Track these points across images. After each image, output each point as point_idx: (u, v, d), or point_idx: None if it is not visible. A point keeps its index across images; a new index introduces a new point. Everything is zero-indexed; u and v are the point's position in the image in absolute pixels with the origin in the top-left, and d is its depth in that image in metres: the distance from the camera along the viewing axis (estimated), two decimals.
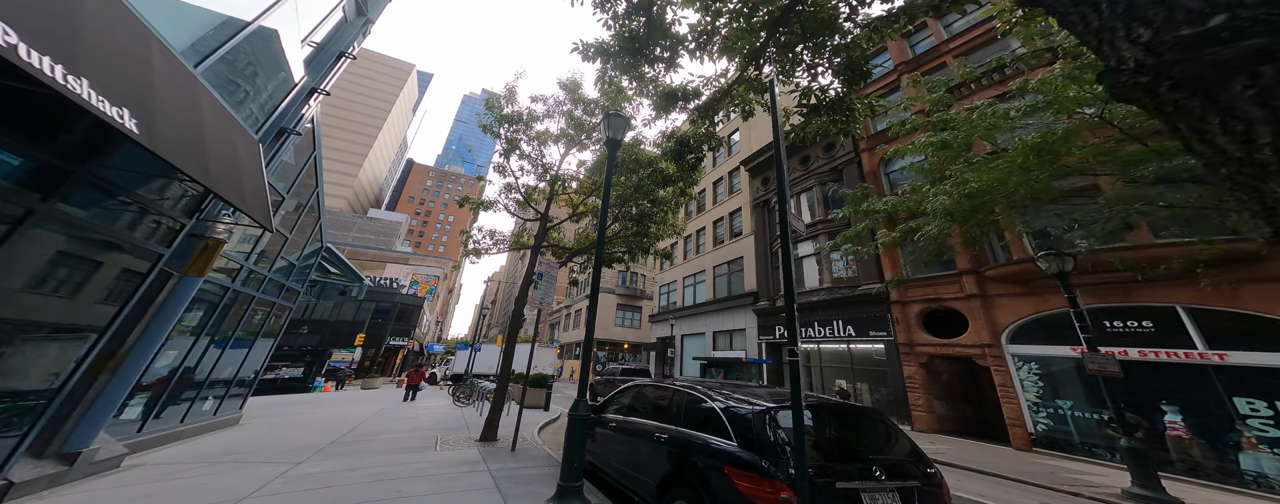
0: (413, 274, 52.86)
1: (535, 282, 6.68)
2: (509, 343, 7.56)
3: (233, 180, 4.03)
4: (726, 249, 23.42)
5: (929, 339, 10.25)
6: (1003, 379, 8.60)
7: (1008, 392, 8.47)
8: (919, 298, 10.84)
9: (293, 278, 9.10)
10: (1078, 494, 5.71)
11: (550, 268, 7.02)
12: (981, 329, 9.16)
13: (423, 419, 9.88)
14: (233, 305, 6.90)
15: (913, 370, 10.14)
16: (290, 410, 11.59)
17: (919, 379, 9.90)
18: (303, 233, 9.03)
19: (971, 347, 9.39)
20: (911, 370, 10.20)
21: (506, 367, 7.44)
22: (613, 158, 4.35)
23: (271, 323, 8.66)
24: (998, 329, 9.00)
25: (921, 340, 10.37)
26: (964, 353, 9.53)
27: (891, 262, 11.67)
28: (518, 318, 7.71)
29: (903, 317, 10.77)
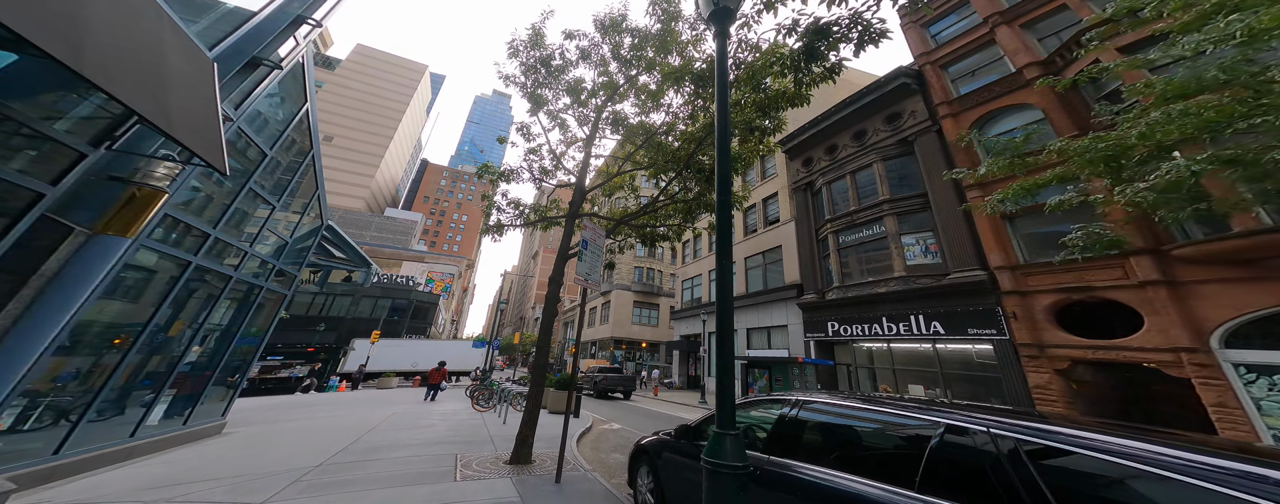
0: (428, 271, 52.56)
1: (578, 253, 5.05)
2: (543, 333, 5.97)
3: (154, 93, 2.53)
4: (760, 238, 21.50)
5: (1070, 340, 7.98)
6: (1220, 397, 6.17)
7: (1230, 414, 6.06)
8: (1049, 287, 8.48)
9: (286, 258, 7.73)
10: None
11: (596, 235, 5.38)
12: (1171, 328, 6.77)
13: (438, 428, 8.41)
14: (200, 286, 5.51)
15: (1044, 378, 7.99)
16: (291, 414, 10.33)
17: (1056, 390, 7.71)
18: (296, 204, 7.65)
19: (1155, 351, 6.94)
20: (1042, 378, 8.04)
21: (542, 363, 5.85)
22: (722, 49, 2.66)
23: (259, 311, 7.29)
24: (1202, 328, 6.59)
25: (1057, 341, 8.14)
26: (1136, 358, 7.14)
27: (998, 242, 9.49)
28: (553, 301, 6.11)
29: (1024, 311, 8.58)
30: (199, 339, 5.60)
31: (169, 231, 4.70)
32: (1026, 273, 8.96)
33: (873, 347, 12.56)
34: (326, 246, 9.18)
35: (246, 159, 5.84)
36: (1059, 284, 8.22)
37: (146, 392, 5.02)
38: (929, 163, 11.83)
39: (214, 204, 5.43)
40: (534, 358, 5.87)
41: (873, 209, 13.07)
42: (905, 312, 11.10)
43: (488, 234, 8.62)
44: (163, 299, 4.68)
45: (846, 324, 13.09)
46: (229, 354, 6.35)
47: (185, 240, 4.96)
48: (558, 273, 6.36)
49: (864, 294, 12.49)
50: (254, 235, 6.28)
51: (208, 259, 5.29)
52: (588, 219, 5.45)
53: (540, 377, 5.77)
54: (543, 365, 5.85)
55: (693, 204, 6.92)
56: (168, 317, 5.01)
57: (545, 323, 6.04)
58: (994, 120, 10.73)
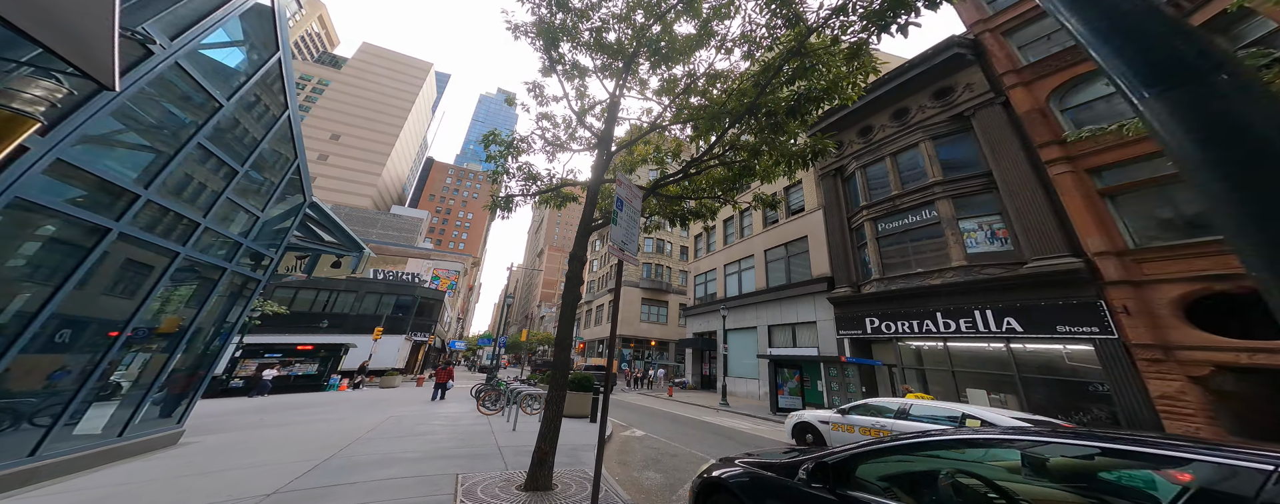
0: (434, 269, 51.87)
1: (613, 215, 3.84)
2: (564, 323, 4.78)
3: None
4: (782, 229, 20.16)
5: (1210, 340, 6.43)
6: None
7: None
8: (1177, 275, 6.93)
9: (261, 239, 6.63)
10: None
11: (632, 194, 4.18)
12: None
13: (439, 436, 7.27)
14: (133, 264, 4.40)
15: (1173, 387, 6.46)
16: (276, 418, 9.27)
17: (1192, 403, 6.19)
18: (270, 173, 6.53)
19: None
20: (1171, 387, 6.51)
21: (563, 362, 4.66)
22: None
23: (230, 299, 6.19)
24: None
25: (1191, 341, 6.58)
26: None
27: (1098, 224, 7.95)
28: (575, 283, 4.92)
29: (1140, 304, 7.08)
30: (134, 327, 4.47)
31: (76, 188, 3.58)
32: (1141, 259, 7.45)
33: (923, 345, 11.19)
34: (313, 228, 8.06)
35: (192, 108, 4.72)
36: (1191, 271, 6.66)
37: (69, 394, 3.92)
38: (993, 139, 10.42)
39: (154, 163, 4.31)
40: (554, 354, 4.66)
41: (921, 193, 11.69)
42: (966, 306, 9.72)
43: (496, 209, 7.45)
44: (67, 276, 3.56)
45: (889, 320, 11.75)
46: (182, 347, 5.24)
47: (103, 200, 3.83)
48: (579, 249, 5.16)
49: (912, 287, 11.13)
50: (210, 206, 5.15)
51: (138, 228, 4.16)
52: (621, 174, 4.25)
53: (562, 379, 4.58)
54: (565, 364, 4.66)
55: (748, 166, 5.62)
56: (78, 299, 3.89)
57: (566, 310, 4.84)
58: (1081, 85, 9.23)
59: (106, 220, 3.79)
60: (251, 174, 6.10)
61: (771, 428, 10.35)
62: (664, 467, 6.03)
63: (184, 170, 4.94)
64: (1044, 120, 9.14)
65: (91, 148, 3.79)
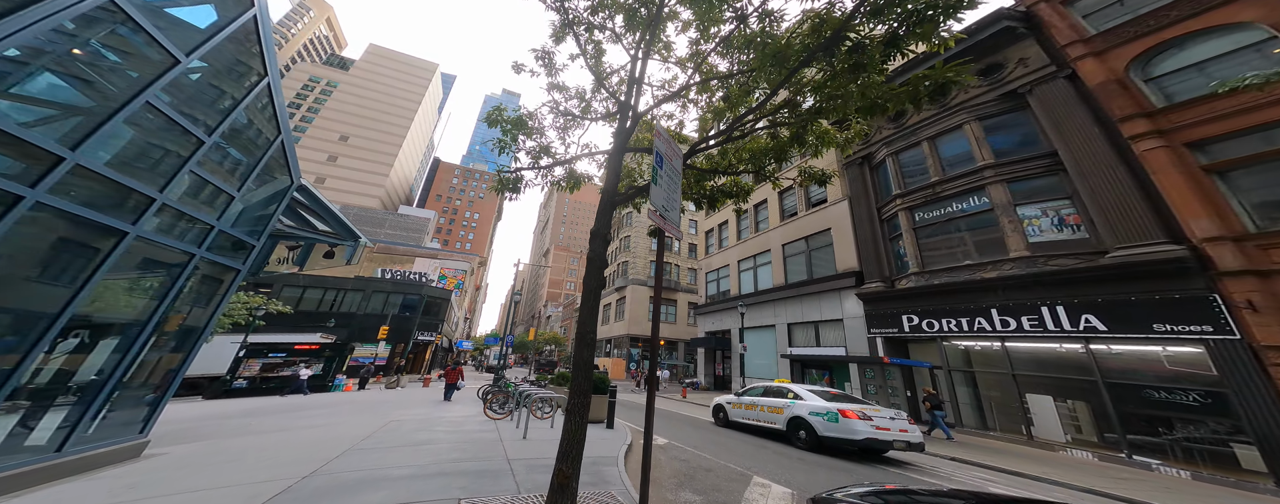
0: (441, 268, 51.64)
1: (653, 175, 2.97)
2: (587, 314, 3.92)
3: None
4: (802, 222, 19.14)
5: None
6: None
7: None
8: None
9: (240, 224, 5.89)
10: None
11: (672, 150, 3.31)
12: None
13: (441, 445, 6.48)
14: (65, 244, 3.65)
15: None
16: (269, 422, 8.58)
17: None
18: (247, 149, 5.79)
19: None
20: None
21: (586, 362, 3.80)
22: None
23: (200, 291, 5.46)
24: None
25: None
26: None
27: (1206, 204, 6.78)
28: (599, 266, 4.06)
29: (1270, 298, 5.91)
30: (70, 320, 3.72)
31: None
32: (1268, 244, 6.27)
33: (974, 345, 10.09)
34: (304, 215, 7.31)
35: (141, 60, 3.95)
36: None
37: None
38: (1058, 116, 9.31)
39: (86, 120, 3.55)
40: (574, 352, 3.80)
41: (968, 178, 10.62)
42: (1030, 302, 8.64)
43: (503, 191, 6.62)
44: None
45: (932, 318, 10.70)
46: (142, 345, 4.49)
47: (15, 163, 3.07)
48: (602, 225, 4.30)
49: (959, 281, 10.08)
50: (168, 180, 4.39)
51: (63, 199, 3.39)
52: (660, 126, 3.38)
53: (585, 384, 3.72)
54: (587, 364, 3.80)
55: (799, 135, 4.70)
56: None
57: (588, 300, 3.98)
58: (1171, 51, 8.09)
59: (19, 187, 3.03)
60: (224, 147, 5.36)
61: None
62: (700, 485, 5.16)
63: (135, 138, 4.18)
64: (1124, 92, 8.03)
65: (11, 106, 3.05)
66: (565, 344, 67.55)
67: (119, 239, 3.94)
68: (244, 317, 19.80)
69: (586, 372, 3.81)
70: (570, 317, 70.66)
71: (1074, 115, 8.86)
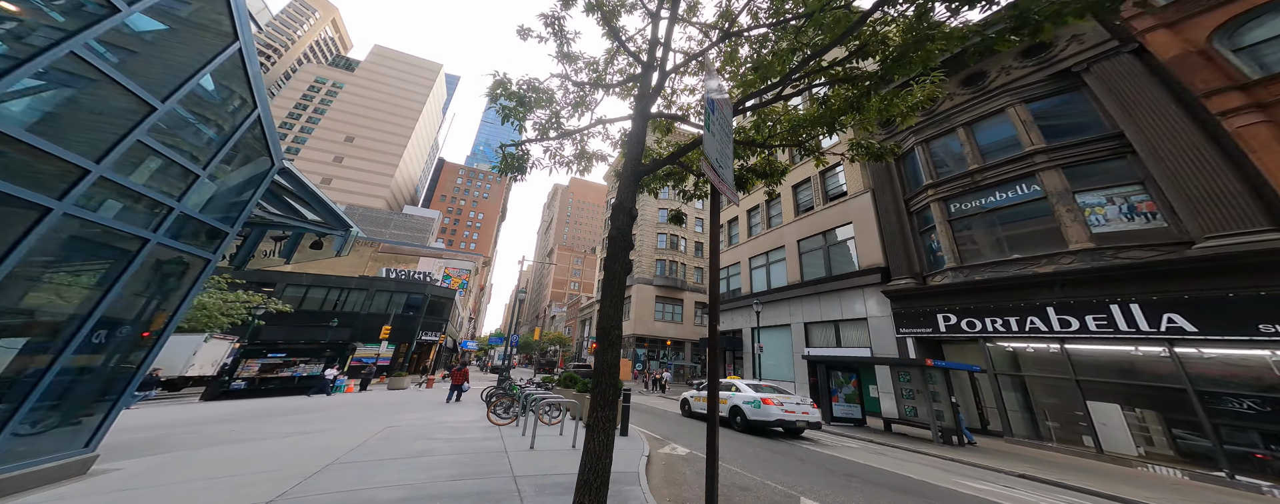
0: (445, 267, 51.27)
1: (706, 120, 2.20)
2: (609, 304, 3.15)
3: None
4: (820, 216, 18.26)
5: None
6: None
7: None
8: None
9: (209, 208, 5.21)
10: None
11: (722, 99, 2.53)
12: None
13: (438, 457, 5.76)
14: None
15: None
16: (256, 428, 7.91)
17: None
18: (210, 122, 5.10)
19: None
20: None
21: (611, 365, 3.03)
22: None
23: (150, 282, 4.77)
24: None
25: None
26: None
27: None
28: (624, 244, 3.31)
29: None
30: None
31: None
32: None
33: (1025, 347, 9.13)
34: (289, 202, 6.61)
35: (71, 4, 3.26)
36: None
37: None
38: (1125, 93, 8.36)
39: None
40: (597, 353, 3.02)
41: (1014, 164, 9.71)
42: (1096, 299, 7.71)
43: (508, 172, 5.89)
44: None
45: (972, 317, 9.81)
46: (79, 343, 3.80)
47: None
48: (626, 198, 3.54)
49: (1006, 277, 9.18)
50: (107, 150, 3.69)
51: None
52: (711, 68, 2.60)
53: (611, 392, 2.95)
54: (613, 367, 3.03)
55: (871, 91, 3.91)
56: None
57: (612, 287, 3.21)
58: (1265, 17, 7.07)
59: None
60: (184, 118, 4.67)
61: (836, 441, 8.57)
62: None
63: (65, 97, 3.49)
64: (1208, 64, 7.10)
65: None
66: (570, 344, 66.96)
67: (41, 216, 3.25)
68: (243, 315, 19.34)
69: (612, 376, 3.04)
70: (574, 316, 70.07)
71: (1145, 92, 7.94)
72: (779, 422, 8.69)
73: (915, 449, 7.68)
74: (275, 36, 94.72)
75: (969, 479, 6.05)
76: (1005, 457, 7.28)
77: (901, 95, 4.18)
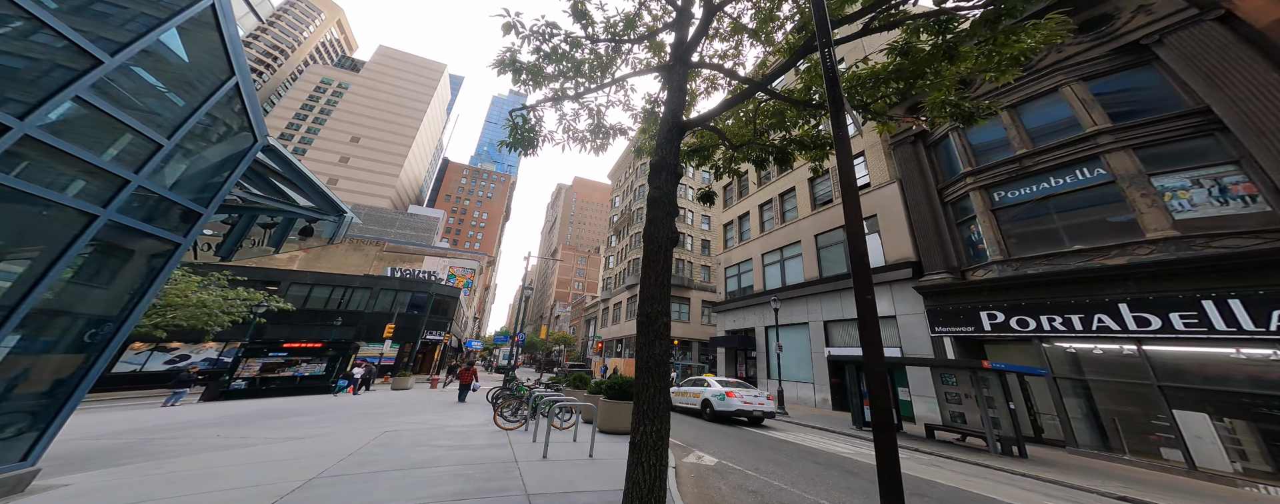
0: (450, 267, 50.93)
1: None
2: (654, 284, 2.42)
3: None
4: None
5: None
6: None
7: None
8: None
9: (180, 185, 4.57)
10: None
11: None
12: None
13: (440, 468, 5.07)
14: None
15: None
16: (241, 432, 7.28)
17: None
18: (174, 87, 4.45)
19: None
20: None
21: (658, 353, 2.29)
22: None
23: (103, 267, 4.12)
24: None
25: None
26: None
27: None
28: (666, 206, 2.58)
29: None
30: None
31: None
32: None
33: (1092, 349, 8.16)
34: (278, 185, 5.96)
35: None
36: None
37: None
38: (1212, 65, 7.42)
39: None
40: (640, 346, 2.27)
41: (1073, 147, 8.82)
42: (1183, 293, 6.78)
43: (518, 146, 5.19)
44: None
45: (1025, 315, 8.94)
46: (7, 340, 3.15)
47: None
48: (668, 155, 2.81)
49: (1066, 270, 8.30)
50: (37, 104, 3.04)
51: None
52: None
53: (661, 400, 2.22)
54: (661, 365, 2.30)
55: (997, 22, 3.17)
56: None
57: (653, 266, 2.47)
58: None
59: None
60: (142, 79, 4.01)
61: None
62: None
63: None
64: None
65: None
66: (574, 344, 66.40)
67: None
68: (244, 313, 18.89)
69: (659, 378, 2.30)
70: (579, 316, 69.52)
71: (1237, 63, 7.01)
72: (739, 411, 10.29)
73: (972, 460, 6.85)
74: (282, 38, 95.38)
75: (1061, 502, 5.20)
76: (1080, 471, 6.42)
77: (1009, 39, 3.41)
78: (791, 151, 5.22)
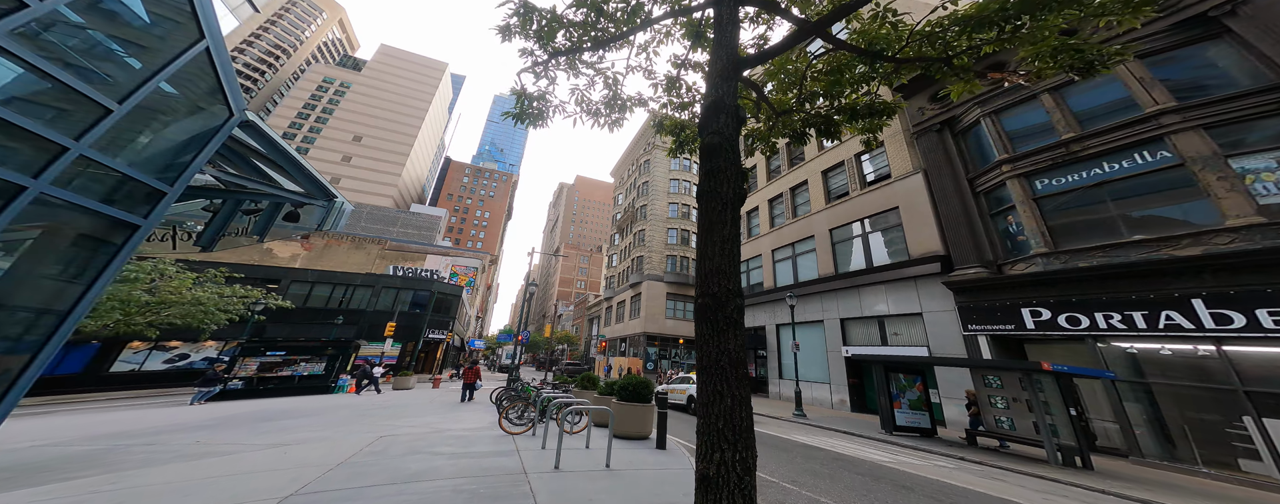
0: (452, 265, 50.54)
1: None
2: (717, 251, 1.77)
3: None
4: (857, 202, 16.69)
5: None
6: None
7: None
8: None
9: (141, 161, 3.96)
10: None
11: None
12: None
13: (439, 481, 4.44)
14: None
15: None
16: (223, 437, 6.66)
17: None
18: (125, 43, 3.83)
19: None
20: None
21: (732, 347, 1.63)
22: None
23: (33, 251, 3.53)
24: None
25: None
26: None
27: None
28: (730, 154, 1.89)
29: None
30: None
31: None
32: None
33: (1158, 349, 7.36)
34: (261, 166, 5.34)
35: None
36: None
37: None
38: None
39: None
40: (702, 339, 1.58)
41: (1133, 128, 8.08)
42: (1271, 287, 6.05)
43: (524, 119, 4.57)
44: None
45: (1076, 312, 8.22)
46: None
47: None
48: (726, 94, 2.15)
49: (1125, 262, 7.57)
50: None
51: None
52: None
53: (741, 414, 1.56)
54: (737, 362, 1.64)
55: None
56: None
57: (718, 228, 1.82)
58: None
59: None
60: (85, 32, 3.39)
61: (919, 458, 7.09)
62: None
63: None
64: None
65: None
66: (577, 343, 65.89)
67: None
68: (242, 311, 18.39)
69: (737, 381, 1.63)
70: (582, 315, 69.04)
71: None
72: None
73: (1032, 472, 6.13)
74: (283, 37, 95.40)
75: None
76: (1163, 487, 5.65)
77: None
78: (839, 122, 4.55)
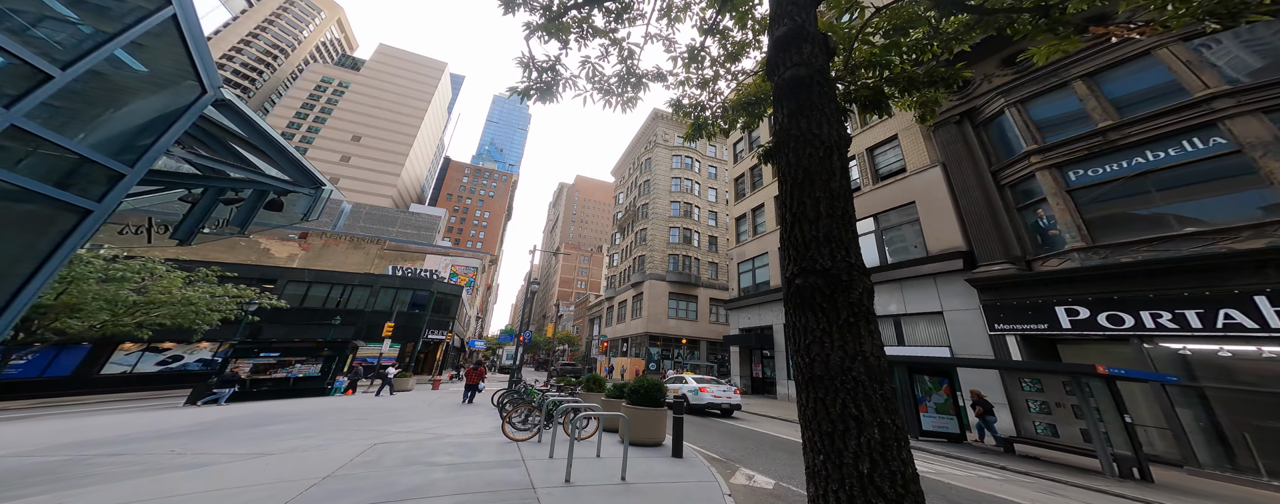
0: (452, 265, 50.04)
1: None
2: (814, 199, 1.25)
3: None
4: (870, 198, 16.18)
5: None
6: None
7: None
8: None
9: (94, 138, 3.42)
10: None
11: None
12: None
13: (437, 499, 3.90)
14: None
15: None
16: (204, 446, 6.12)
17: None
18: (80, 8, 3.29)
19: None
20: None
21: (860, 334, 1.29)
22: None
23: None
24: None
25: None
26: None
27: None
28: (825, 85, 1.81)
29: None
30: None
31: None
32: None
33: (1215, 351, 6.82)
34: (241, 151, 4.80)
35: None
36: None
37: None
38: None
39: None
40: (794, 330, 1.03)
41: (1180, 114, 7.56)
42: None
43: (529, 95, 4.06)
44: None
45: (1119, 310, 7.70)
46: None
47: None
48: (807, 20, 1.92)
49: (1177, 257, 7.04)
50: None
51: None
52: None
53: (900, 454, 1.02)
54: (879, 376, 1.12)
55: None
56: None
57: (816, 180, 1.30)
58: None
59: None
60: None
61: (957, 467, 6.57)
62: None
63: None
64: None
65: None
66: (578, 344, 65.38)
67: None
68: (235, 311, 17.86)
69: (884, 404, 1.11)
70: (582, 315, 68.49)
71: None
72: (711, 404, 12.00)
73: (1087, 484, 5.57)
74: (281, 37, 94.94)
75: None
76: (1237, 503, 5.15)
77: None
78: (891, 94, 4.04)
